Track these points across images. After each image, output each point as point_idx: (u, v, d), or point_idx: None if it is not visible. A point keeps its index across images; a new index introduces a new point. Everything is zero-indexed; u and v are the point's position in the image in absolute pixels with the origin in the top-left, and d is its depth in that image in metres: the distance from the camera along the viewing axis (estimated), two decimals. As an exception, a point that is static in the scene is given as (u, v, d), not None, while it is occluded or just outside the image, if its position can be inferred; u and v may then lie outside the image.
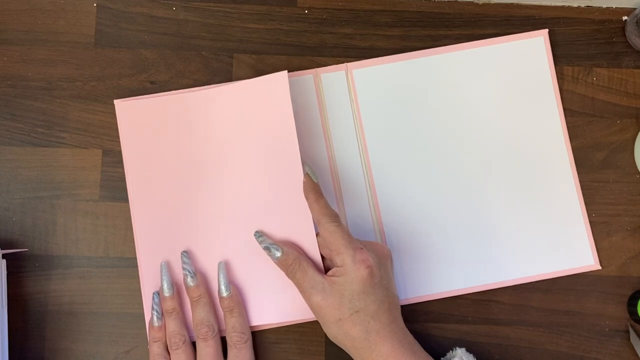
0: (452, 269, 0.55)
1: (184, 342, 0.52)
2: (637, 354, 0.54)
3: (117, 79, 0.57)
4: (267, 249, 0.51)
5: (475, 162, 0.57)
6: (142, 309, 0.54)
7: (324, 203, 0.51)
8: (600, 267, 0.56)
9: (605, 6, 0.59)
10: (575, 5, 0.59)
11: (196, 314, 0.53)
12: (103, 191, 0.56)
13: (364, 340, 0.47)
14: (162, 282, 0.53)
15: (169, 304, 0.53)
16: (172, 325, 0.53)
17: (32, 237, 0.55)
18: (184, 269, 0.53)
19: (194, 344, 0.53)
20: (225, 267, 0.54)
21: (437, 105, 0.57)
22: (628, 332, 0.55)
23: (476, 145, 0.57)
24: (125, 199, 0.55)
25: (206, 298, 0.53)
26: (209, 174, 0.55)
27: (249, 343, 0.53)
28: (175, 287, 0.53)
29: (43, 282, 0.55)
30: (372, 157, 0.56)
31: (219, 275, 0.53)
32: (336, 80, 0.57)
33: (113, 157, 0.56)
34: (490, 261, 0.56)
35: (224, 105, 0.55)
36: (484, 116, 0.57)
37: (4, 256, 0.53)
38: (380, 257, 0.50)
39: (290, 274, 0.50)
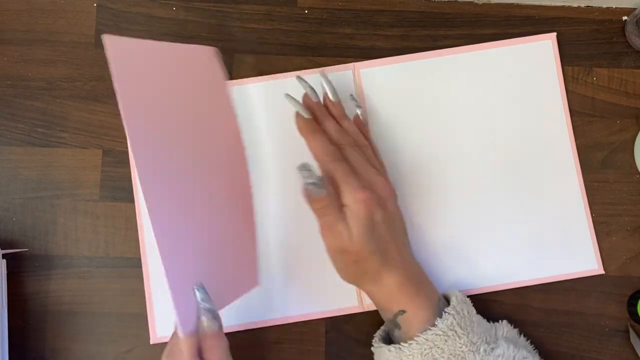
0: (453, 271, 0.55)
1: None
2: (637, 354, 0.54)
3: (117, 79, 0.57)
4: (313, 184, 0.47)
5: (479, 163, 0.56)
6: (143, 308, 0.54)
7: (320, 139, 0.49)
8: (604, 272, 0.56)
9: (605, 6, 0.59)
10: (575, 5, 0.59)
11: None
12: (103, 191, 0.56)
13: (376, 274, 0.48)
14: None
15: None
16: None
17: (32, 237, 0.55)
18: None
19: None
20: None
21: (443, 106, 0.57)
22: (628, 332, 0.55)
23: (481, 146, 0.57)
24: (125, 199, 0.55)
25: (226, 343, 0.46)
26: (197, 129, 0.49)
27: None
28: None
29: (43, 282, 0.55)
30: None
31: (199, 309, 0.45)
32: (342, 80, 0.57)
33: (113, 157, 0.56)
34: (491, 264, 0.55)
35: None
36: (490, 117, 0.57)
37: (4, 256, 0.53)
38: (381, 196, 0.49)
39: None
